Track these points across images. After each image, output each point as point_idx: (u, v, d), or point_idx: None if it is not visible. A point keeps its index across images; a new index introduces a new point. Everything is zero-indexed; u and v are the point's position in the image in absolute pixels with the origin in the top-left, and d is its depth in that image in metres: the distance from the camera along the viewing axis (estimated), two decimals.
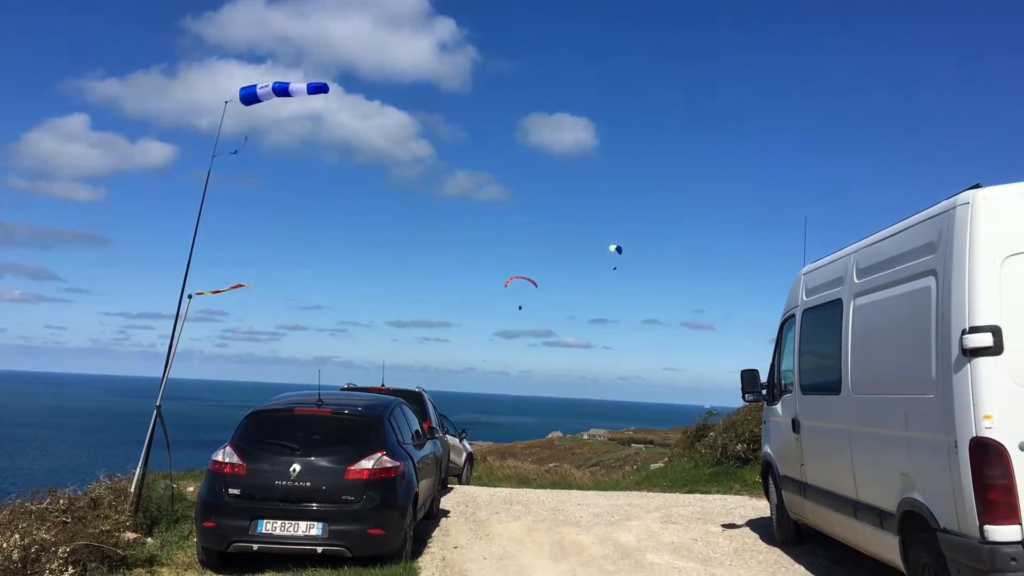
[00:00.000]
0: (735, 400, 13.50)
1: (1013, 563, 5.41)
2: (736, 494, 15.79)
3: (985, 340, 5.61)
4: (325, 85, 10.73)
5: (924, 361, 6.21)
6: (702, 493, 16.32)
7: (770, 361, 10.92)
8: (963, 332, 5.71)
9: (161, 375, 10.50)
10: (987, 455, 5.56)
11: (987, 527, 5.51)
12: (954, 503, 5.80)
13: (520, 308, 40.80)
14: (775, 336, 10.90)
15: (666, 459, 27.06)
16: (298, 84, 10.80)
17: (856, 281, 7.91)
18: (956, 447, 5.74)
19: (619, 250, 35.00)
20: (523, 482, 23.45)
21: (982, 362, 5.63)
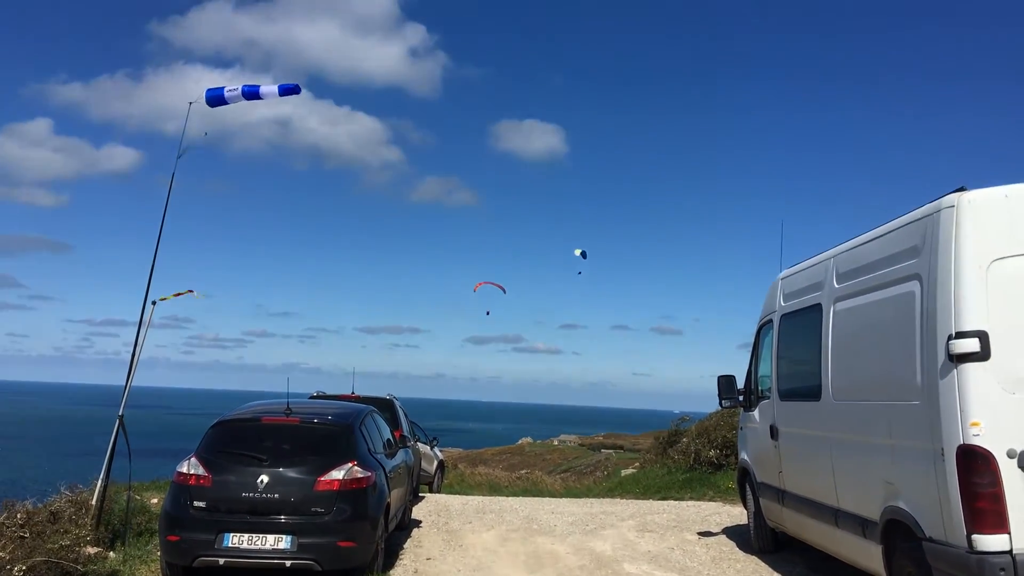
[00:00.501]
0: (705, 405, 13.48)
1: (1001, 573, 5.31)
2: (710, 500, 15.71)
3: (972, 345, 5.51)
4: (297, 86, 10.49)
5: (908, 367, 6.11)
6: (676, 500, 16.24)
7: (747, 367, 10.82)
8: (949, 337, 5.61)
9: (130, 382, 10.18)
10: (975, 463, 5.45)
11: (975, 536, 5.41)
12: (940, 512, 5.70)
13: (488, 313, 40.48)
14: (750, 341, 10.81)
15: (637, 465, 27.01)
16: (269, 86, 10.56)
17: (836, 286, 7.81)
18: (943, 455, 5.63)
19: (584, 255, 35.05)
20: (495, 490, 23.25)
21: (969, 368, 5.53)
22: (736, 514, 13.18)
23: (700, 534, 11.76)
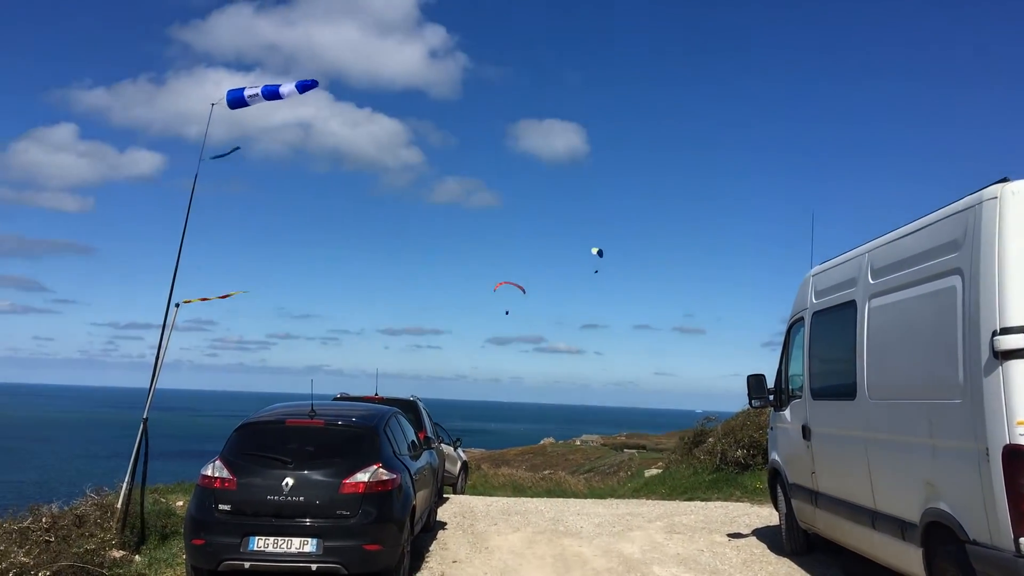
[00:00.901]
0: (729, 404, 13.30)
1: None
2: (737, 501, 15.51)
3: (1018, 342, 5.31)
4: (314, 81, 10.44)
5: (950, 365, 5.92)
6: (702, 500, 16.04)
7: (777, 365, 10.63)
8: (994, 334, 5.41)
9: (155, 385, 10.15)
10: (1021, 463, 5.26)
11: (1023, 540, 5.21)
12: (985, 514, 5.50)
13: (507, 313, 40.36)
14: (775, 339, 10.63)
15: (661, 465, 26.78)
16: (288, 85, 10.50)
17: (871, 282, 7.61)
18: (987, 455, 5.44)
19: (600, 253, 34.81)
20: (519, 491, 23.13)
21: (1015, 365, 5.33)
22: (765, 515, 12.98)
23: (729, 536, 11.57)
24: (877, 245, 7.68)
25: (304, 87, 10.43)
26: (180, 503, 11.77)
